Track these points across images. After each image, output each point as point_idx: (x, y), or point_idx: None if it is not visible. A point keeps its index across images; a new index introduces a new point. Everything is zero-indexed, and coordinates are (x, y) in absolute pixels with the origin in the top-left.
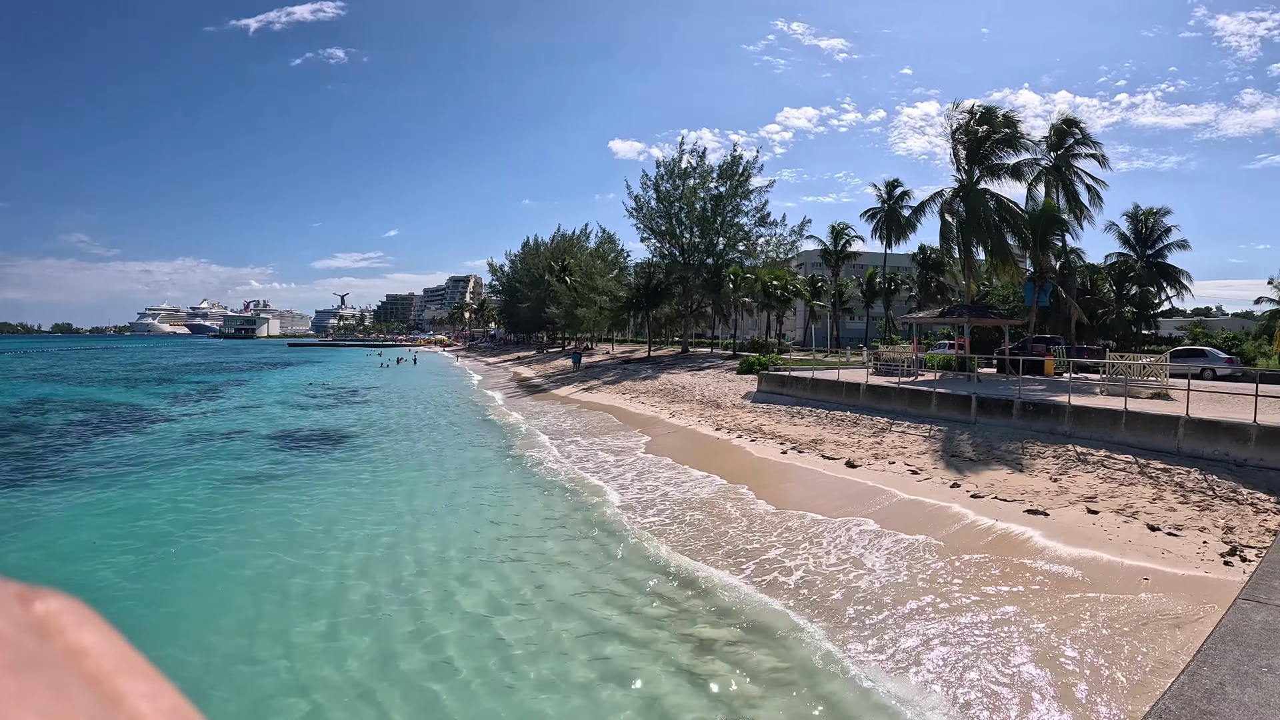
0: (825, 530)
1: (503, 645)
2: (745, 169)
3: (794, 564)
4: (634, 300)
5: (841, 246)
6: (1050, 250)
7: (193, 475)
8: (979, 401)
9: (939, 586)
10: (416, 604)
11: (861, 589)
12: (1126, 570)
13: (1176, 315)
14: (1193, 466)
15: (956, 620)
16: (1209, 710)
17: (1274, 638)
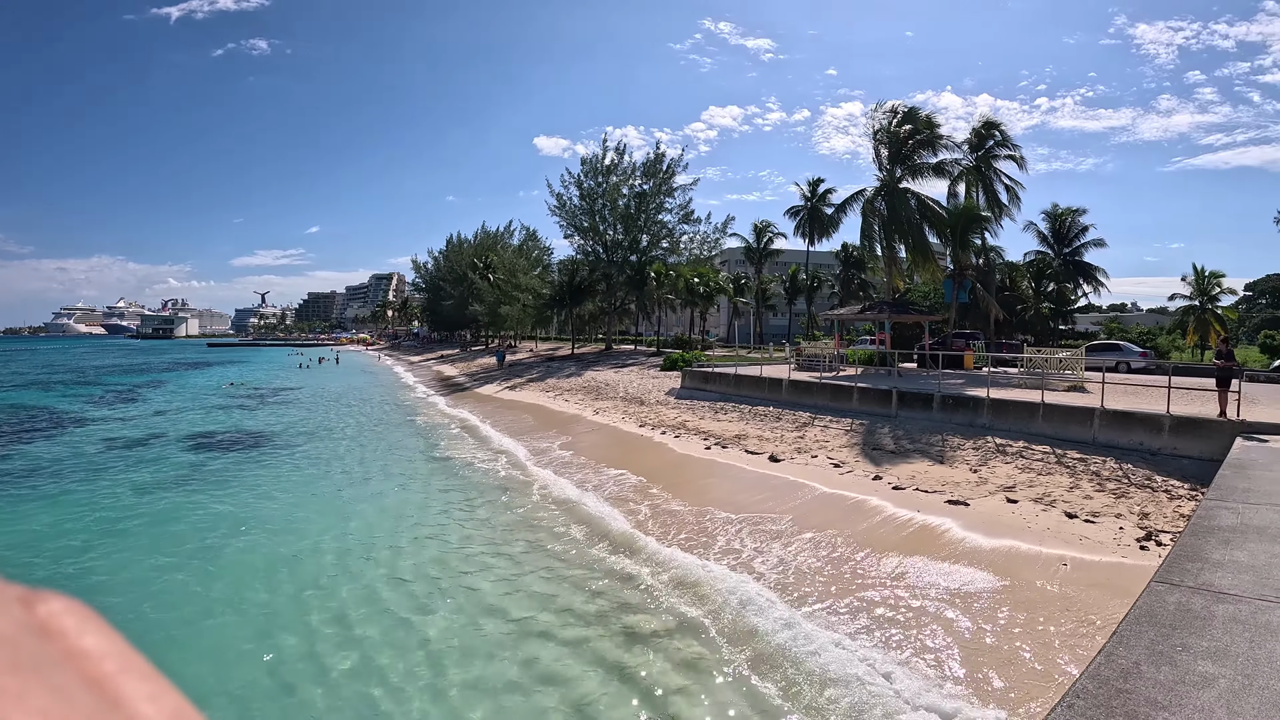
0: (728, 528)
1: (415, 635)
2: (669, 166)
3: (667, 571)
4: (558, 298)
5: (765, 244)
6: (970, 248)
7: (112, 483)
8: (900, 395)
9: (846, 584)
10: (339, 603)
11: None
12: (1046, 559)
13: (1093, 311)
14: (1108, 456)
15: (871, 613)
16: (1125, 689)
17: (1187, 618)
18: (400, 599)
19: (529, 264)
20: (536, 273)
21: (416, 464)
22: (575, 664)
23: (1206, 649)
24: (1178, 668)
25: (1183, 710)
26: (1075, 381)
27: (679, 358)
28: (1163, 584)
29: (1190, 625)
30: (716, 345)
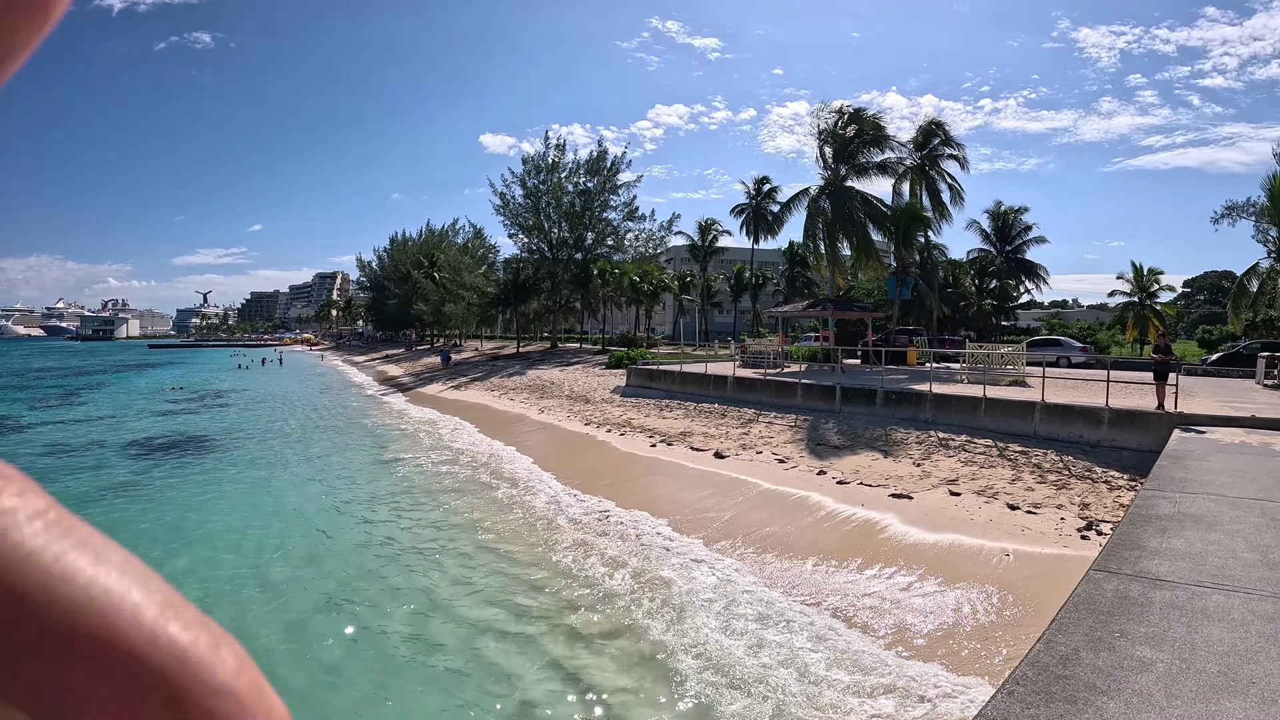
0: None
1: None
2: (614, 164)
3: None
4: (502, 296)
5: (710, 242)
6: (913, 246)
7: (53, 489)
8: (843, 391)
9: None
10: (288, 603)
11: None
12: (988, 552)
13: (1035, 308)
14: (1049, 448)
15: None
16: (1064, 675)
17: (1125, 605)
18: (352, 599)
19: (474, 262)
20: (481, 271)
21: (361, 468)
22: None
23: (1144, 634)
24: (1116, 653)
25: (1122, 694)
26: (1017, 376)
27: (624, 356)
28: (1101, 572)
29: (1128, 612)
30: (662, 343)
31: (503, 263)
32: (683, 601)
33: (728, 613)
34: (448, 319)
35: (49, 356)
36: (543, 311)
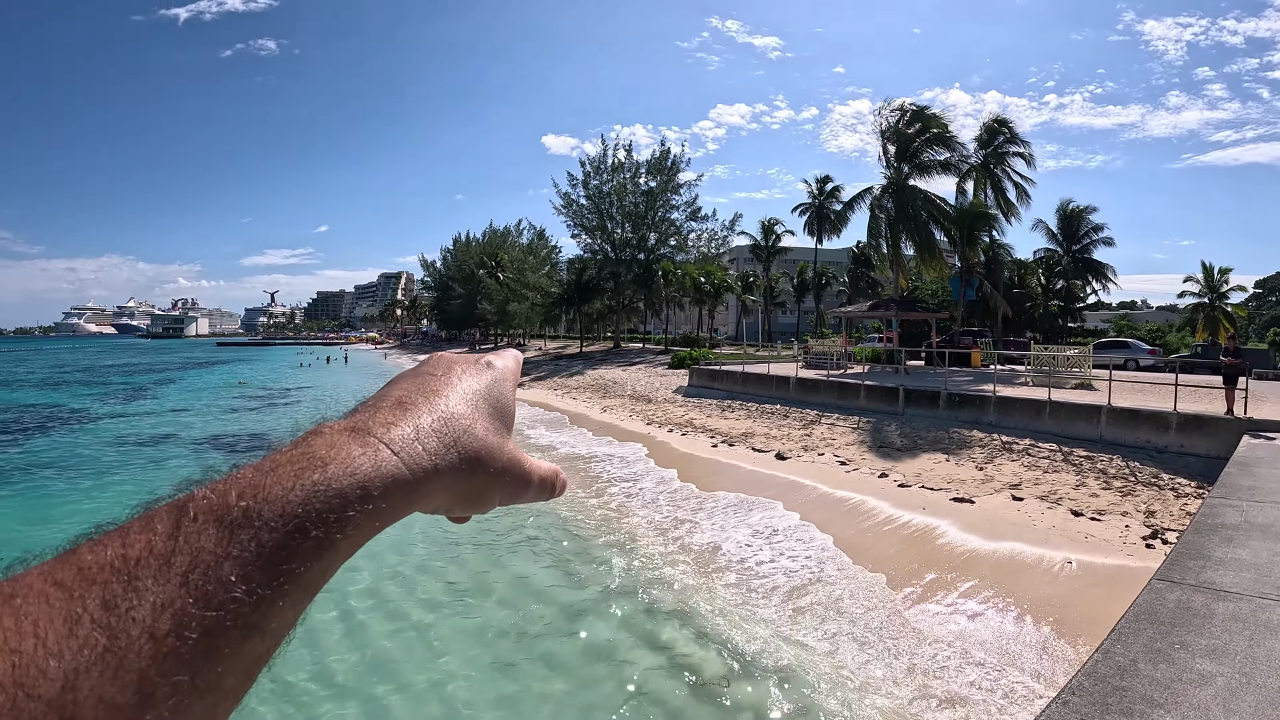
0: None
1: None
2: (674, 164)
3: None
4: (566, 296)
5: (773, 242)
6: (978, 246)
7: (118, 482)
8: (906, 393)
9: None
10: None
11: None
12: (1049, 562)
13: (1102, 309)
14: (1115, 454)
15: (855, 620)
16: (1122, 686)
17: (1186, 616)
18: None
19: (537, 262)
20: (545, 271)
21: None
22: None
23: (1205, 647)
24: (1175, 665)
25: (1179, 708)
26: (1083, 379)
27: (686, 355)
28: (1163, 581)
29: (1190, 623)
30: (724, 343)
31: (566, 263)
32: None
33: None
34: (511, 318)
35: (120, 353)
36: (606, 311)
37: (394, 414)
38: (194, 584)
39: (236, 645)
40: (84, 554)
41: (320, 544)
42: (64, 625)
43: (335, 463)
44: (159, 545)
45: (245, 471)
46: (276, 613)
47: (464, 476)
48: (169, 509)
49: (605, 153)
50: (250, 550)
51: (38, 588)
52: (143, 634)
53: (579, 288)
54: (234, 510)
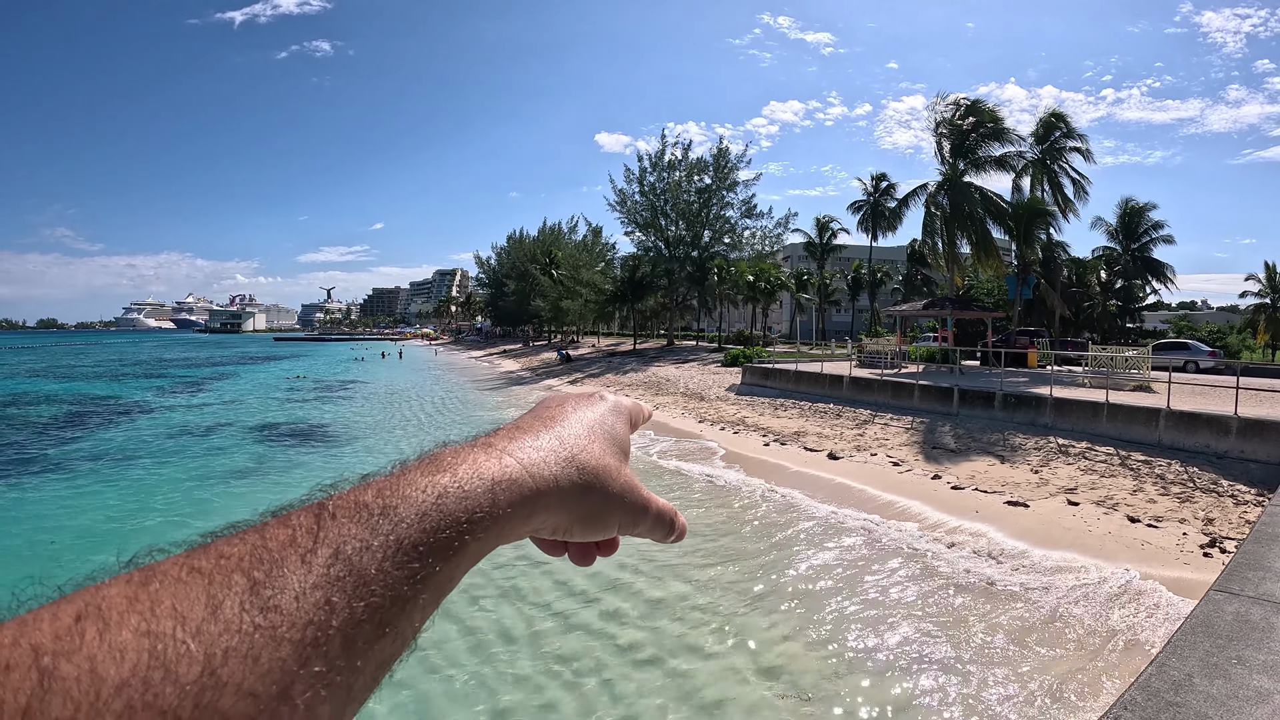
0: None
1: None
2: (731, 162)
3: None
4: (619, 293)
5: (827, 239)
6: (1035, 243)
7: (176, 471)
8: (961, 393)
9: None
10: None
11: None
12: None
13: (1162, 309)
14: (1173, 458)
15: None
16: (1175, 701)
17: (1245, 629)
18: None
19: (591, 259)
20: (599, 268)
21: None
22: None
23: (1264, 662)
24: (1232, 681)
25: None
26: (1141, 381)
27: (740, 354)
28: (1221, 593)
29: (1248, 637)
30: (778, 341)
31: (620, 260)
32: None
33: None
34: (565, 315)
35: (179, 348)
36: (659, 309)
37: (515, 433)
38: (335, 576)
39: (371, 642)
40: (222, 545)
41: (451, 543)
42: (205, 609)
43: (464, 465)
44: (301, 538)
45: (378, 478)
46: (408, 613)
47: (582, 492)
48: (307, 509)
49: (664, 149)
50: (389, 546)
51: (174, 573)
52: (284, 622)
53: (632, 285)
54: (372, 507)
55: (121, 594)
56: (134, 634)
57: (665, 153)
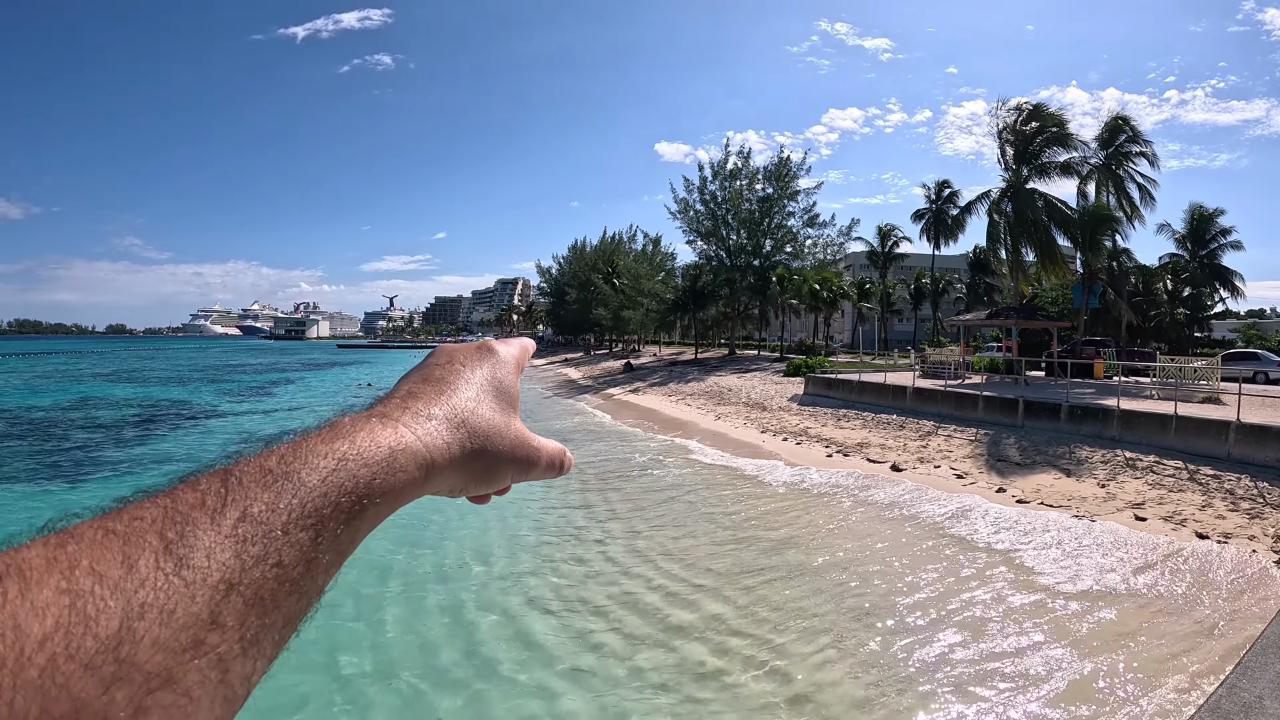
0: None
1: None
2: (792, 170)
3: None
4: (680, 302)
5: (889, 248)
6: (1100, 251)
7: None
8: (1026, 405)
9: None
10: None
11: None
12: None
13: (1230, 317)
14: (1243, 473)
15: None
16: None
17: None
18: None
19: (652, 269)
20: (660, 277)
21: None
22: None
23: None
24: None
25: None
26: (1210, 393)
27: (802, 363)
28: None
29: None
30: (840, 351)
31: (681, 269)
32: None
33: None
34: (626, 324)
35: (245, 354)
36: (720, 318)
37: (408, 401)
38: (243, 535)
39: (279, 599)
40: (134, 509)
41: (352, 507)
42: (121, 567)
43: (362, 434)
44: (210, 501)
45: (281, 445)
46: (313, 572)
47: (474, 455)
48: (215, 474)
49: (726, 157)
50: (294, 509)
51: (90, 535)
52: (197, 578)
53: (694, 294)
54: (276, 472)
55: (40, 555)
56: (54, 592)
57: (728, 161)
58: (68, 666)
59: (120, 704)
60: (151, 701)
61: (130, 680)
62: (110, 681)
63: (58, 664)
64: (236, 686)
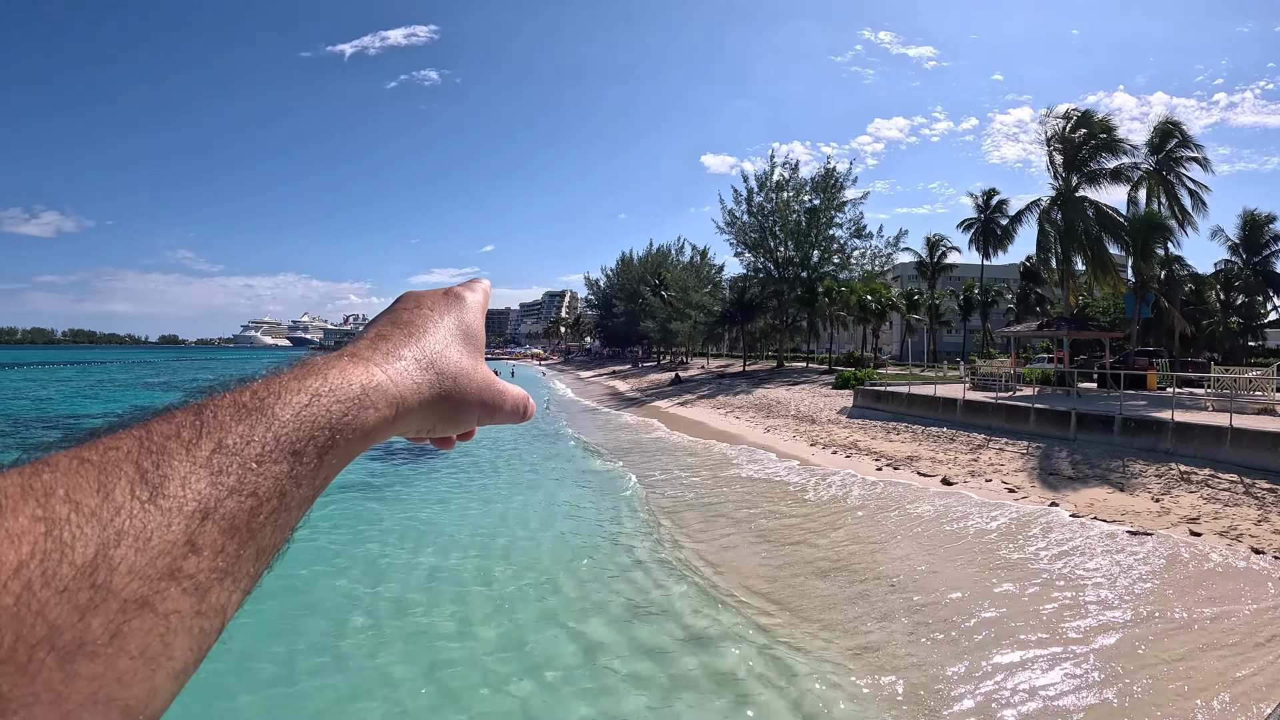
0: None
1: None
2: (839, 181)
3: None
4: (728, 314)
5: (938, 258)
6: (1152, 259)
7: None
8: (1078, 417)
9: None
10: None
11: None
12: None
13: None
14: None
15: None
16: None
17: None
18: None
19: (699, 281)
20: (707, 290)
21: (568, 481)
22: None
23: None
24: None
25: None
26: (1266, 404)
27: (851, 376)
28: None
29: None
30: (889, 363)
31: (729, 281)
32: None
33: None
34: (674, 336)
35: None
36: (768, 330)
37: (378, 342)
38: (218, 466)
39: (253, 531)
40: (109, 439)
41: (325, 442)
42: (97, 495)
43: (334, 371)
44: (185, 433)
45: (254, 381)
46: (286, 505)
47: (442, 396)
48: (189, 407)
49: (772, 169)
50: (268, 441)
51: (66, 464)
52: (173, 506)
53: (741, 306)
54: (249, 406)
55: (15, 484)
56: (30, 519)
57: (774, 172)
58: (43, 593)
59: (96, 630)
60: (128, 628)
61: (106, 607)
62: (86, 608)
63: (33, 590)
64: (212, 616)
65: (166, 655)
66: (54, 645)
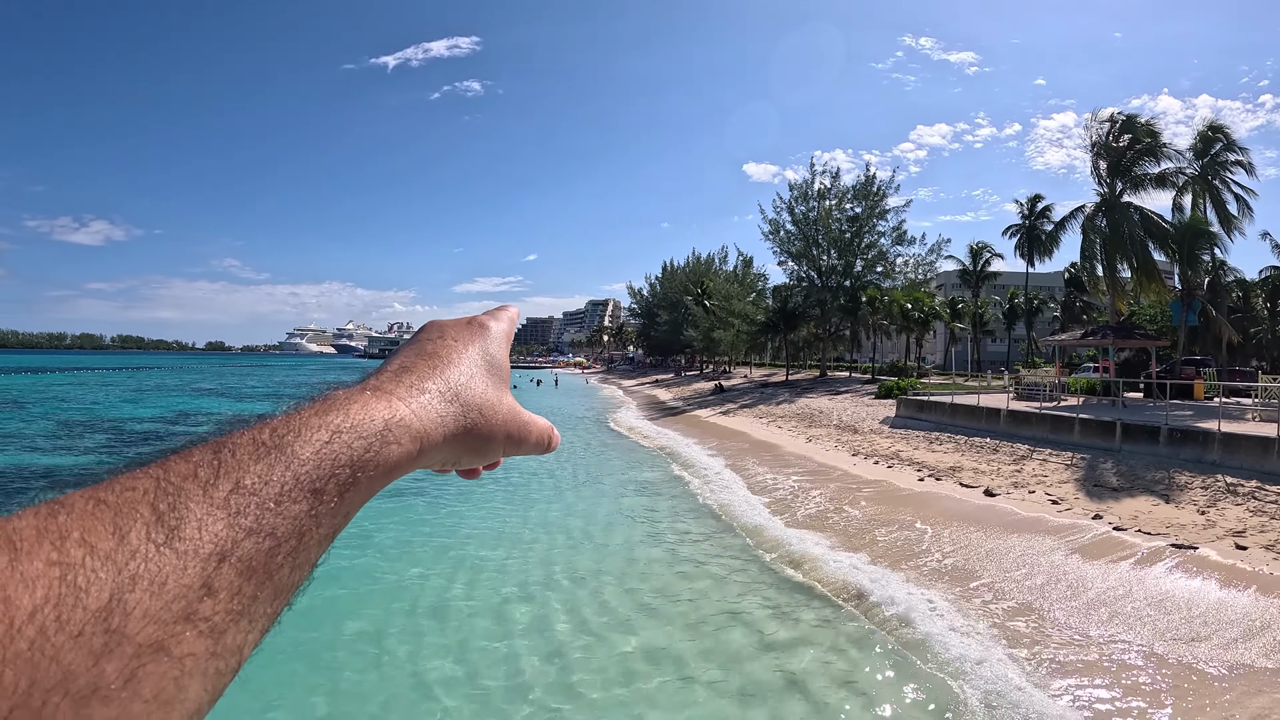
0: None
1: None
2: (880, 189)
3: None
4: (771, 323)
5: (981, 266)
6: (1199, 266)
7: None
8: (1124, 428)
9: None
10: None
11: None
12: None
13: None
14: None
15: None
16: None
17: None
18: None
19: (742, 290)
20: (750, 298)
21: (620, 492)
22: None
23: None
24: None
25: None
26: None
27: (894, 385)
28: None
29: None
30: (932, 372)
31: (771, 290)
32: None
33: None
34: (717, 345)
35: (340, 371)
36: (812, 339)
37: (402, 375)
38: (236, 507)
39: (271, 571)
40: (125, 479)
41: (348, 479)
42: (113, 538)
43: (356, 407)
44: (202, 472)
45: (274, 418)
46: (305, 544)
47: (467, 429)
48: (207, 445)
49: (813, 177)
50: (287, 480)
51: (82, 506)
52: (189, 549)
53: (785, 315)
54: (268, 444)
55: (31, 526)
56: (44, 563)
57: (814, 181)
58: (58, 638)
59: (110, 675)
60: (143, 672)
61: (121, 651)
62: (100, 653)
63: (48, 636)
64: (228, 656)
65: (180, 698)
66: (68, 690)
